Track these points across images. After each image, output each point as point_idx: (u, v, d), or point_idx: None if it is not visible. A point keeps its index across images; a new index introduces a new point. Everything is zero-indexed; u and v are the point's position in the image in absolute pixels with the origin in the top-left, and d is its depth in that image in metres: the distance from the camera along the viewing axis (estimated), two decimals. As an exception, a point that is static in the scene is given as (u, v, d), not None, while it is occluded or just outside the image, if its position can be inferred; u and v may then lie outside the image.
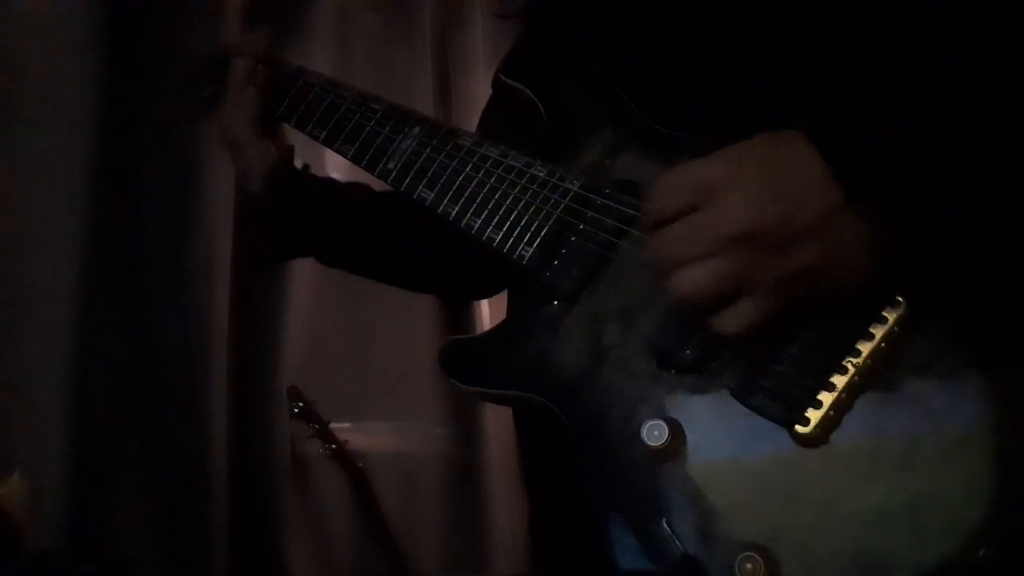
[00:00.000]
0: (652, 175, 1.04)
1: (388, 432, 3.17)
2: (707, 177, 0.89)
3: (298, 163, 1.55)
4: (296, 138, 1.49)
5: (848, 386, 0.90)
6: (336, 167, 1.44)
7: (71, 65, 2.69)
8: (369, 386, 3.12)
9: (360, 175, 1.41)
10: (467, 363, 1.17)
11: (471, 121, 3.19)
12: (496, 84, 1.25)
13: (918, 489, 0.87)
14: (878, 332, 0.90)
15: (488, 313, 3.03)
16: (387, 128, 1.31)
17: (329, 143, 1.38)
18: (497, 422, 3.17)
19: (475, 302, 3.06)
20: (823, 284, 0.88)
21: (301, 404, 2.94)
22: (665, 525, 0.96)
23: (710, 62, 1.09)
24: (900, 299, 0.89)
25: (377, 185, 1.41)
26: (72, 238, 2.66)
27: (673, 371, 1.00)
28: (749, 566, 0.89)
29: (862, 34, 1.01)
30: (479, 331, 1.20)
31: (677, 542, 0.95)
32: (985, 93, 0.90)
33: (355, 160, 1.35)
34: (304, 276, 3.01)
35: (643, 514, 0.97)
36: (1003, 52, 0.91)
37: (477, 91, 3.21)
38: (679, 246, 0.89)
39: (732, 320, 0.89)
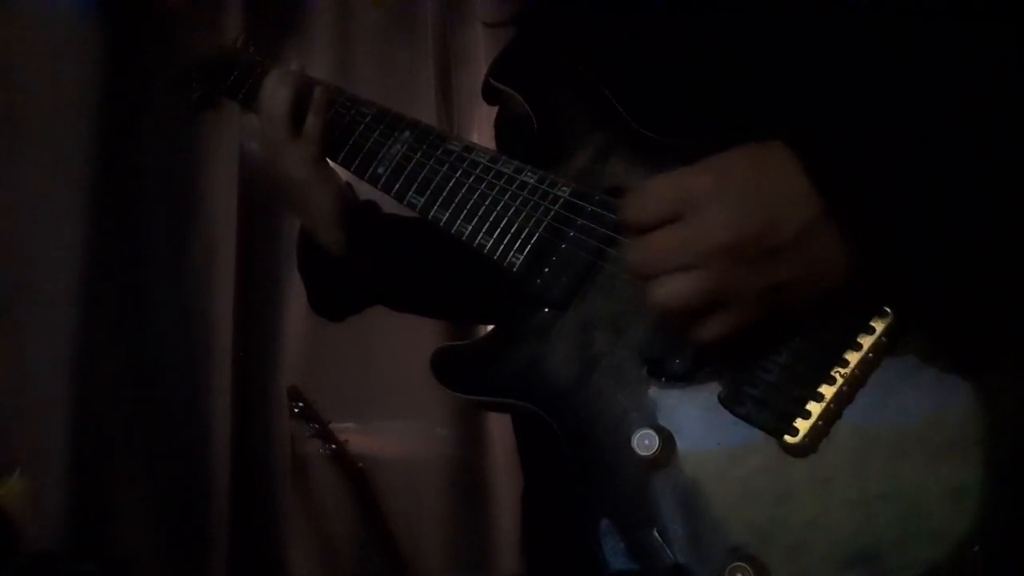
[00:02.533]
0: (642, 181, 1.04)
1: (389, 432, 3.16)
2: (689, 188, 0.89)
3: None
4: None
5: (836, 396, 0.89)
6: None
7: (71, 65, 2.69)
8: (369, 386, 3.12)
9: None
10: (458, 370, 1.16)
11: (472, 118, 3.21)
12: (486, 89, 1.24)
13: (908, 494, 0.86)
14: (865, 342, 0.89)
15: (489, 312, 3.03)
16: (376, 132, 1.30)
17: None
18: (499, 422, 3.17)
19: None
20: (801, 297, 0.88)
21: (301, 404, 2.94)
22: (656, 533, 0.95)
23: (699, 67, 1.09)
24: (887, 309, 0.89)
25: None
26: (72, 238, 2.67)
27: (663, 379, 0.99)
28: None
29: (851, 41, 1.00)
30: (481, 332, 1.20)
31: (668, 550, 0.94)
32: (976, 103, 0.89)
33: (344, 164, 1.34)
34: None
35: (634, 522, 0.97)
36: (998, 64, 0.90)
37: (478, 89, 3.20)
38: (659, 256, 0.89)
39: (709, 330, 0.89)
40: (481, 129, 3.05)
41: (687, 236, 0.87)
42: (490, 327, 1.20)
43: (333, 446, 2.95)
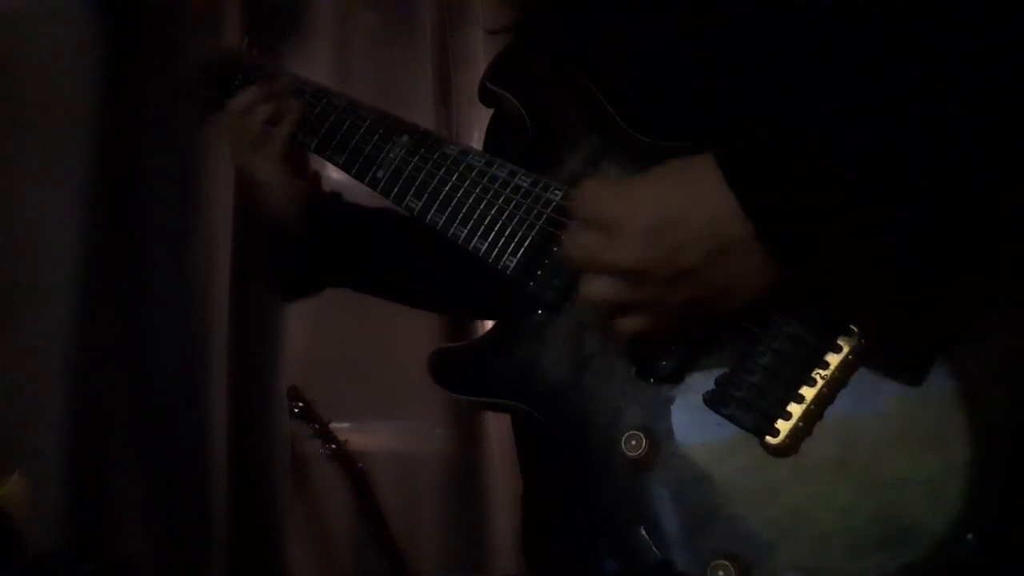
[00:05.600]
0: (585, 182, 1.08)
1: (388, 432, 3.17)
2: (607, 211, 0.96)
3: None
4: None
5: (817, 397, 0.91)
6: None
7: (71, 65, 2.69)
8: (369, 386, 3.12)
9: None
10: (455, 371, 1.19)
11: (471, 121, 3.21)
12: (482, 92, 1.25)
13: (889, 492, 0.88)
14: (845, 345, 0.91)
15: (489, 313, 3.03)
16: (376, 137, 1.32)
17: (320, 151, 1.39)
18: (497, 422, 3.18)
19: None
20: (723, 307, 0.94)
21: (301, 404, 2.95)
22: (643, 532, 0.97)
23: (692, 72, 1.10)
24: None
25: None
26: (72, 239, 2.67)
27: (652, 380, 1.01)
28: (721, 573, 0.90)
29: (840, 45, 1.00)
30: (479, 332, 1.21)
31: (654, 549, 0.96)
32: (947, 114, 0.89)
33: (345, 168, 1.35)
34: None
35: (621, 520, 0.99)
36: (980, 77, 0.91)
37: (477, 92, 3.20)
38: (583, 256, 0.98)
39: (622, 328, 0.97)
40: (481, 132, 3.05)
41: (604, 250, 0.95)
42: (482, 324, 1.22)
43: (333, 446, 2.96)
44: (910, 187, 0.88)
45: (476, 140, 1.41)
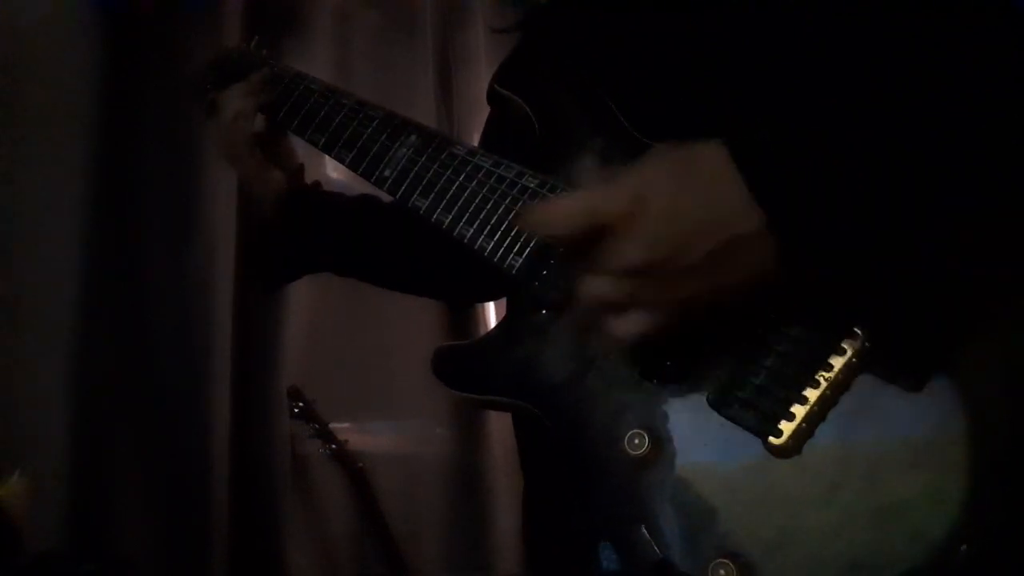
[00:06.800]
0: (555, 196, 1.09)
1: (388, 432, 3.17)
2: (603, 213, 0.91)
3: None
4: (296, 141, 1.50)
5: (820, 399, 0.91)
6: (335, 166, 1.45)
7: (71, 65, 2.69)
8: (369, 386, 3.12)
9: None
10: (458, 368, 1.19)
11: (472, 120, 3.22)
12: (491, 95, 1.26)
13: (889, 497, 0.88)
14: (850, 347, 0.91)
15: (493, 313, 3.04)
16: (384, 136, 1.32)
17: (328, 149, 1.40)
18: (499, 422, 3.18)
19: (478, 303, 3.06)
20: (716, 308, 0.91)
21: (301, 404, 2.95)
22: (644, 531, 0.97)
23: (699, 74, 1.10)
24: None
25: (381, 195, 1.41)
26: (72, 238, 2.67)
27: (655, 380, 1.01)
28: (723, 572, 0.91)
29: (849, 45, 1.00)
30: (481, 331, 1.21)
31: (655, 548, 0.96)
32: (951, 115, 0.89)
33: (352, 167, 1.36)
34: (304, 277, 3.01)
35: (623, 519, 0.99)
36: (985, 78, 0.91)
37: (478, 91, 3.21)
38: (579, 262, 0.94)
39: (619, 328, 0.93)
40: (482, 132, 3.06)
41: (600, 255, 0.91)
42: (484, 324, 1.22)
43: (333, 446, 2.96)
44: (918, 184, 0.87)
45: (477, 140, 1.43)
